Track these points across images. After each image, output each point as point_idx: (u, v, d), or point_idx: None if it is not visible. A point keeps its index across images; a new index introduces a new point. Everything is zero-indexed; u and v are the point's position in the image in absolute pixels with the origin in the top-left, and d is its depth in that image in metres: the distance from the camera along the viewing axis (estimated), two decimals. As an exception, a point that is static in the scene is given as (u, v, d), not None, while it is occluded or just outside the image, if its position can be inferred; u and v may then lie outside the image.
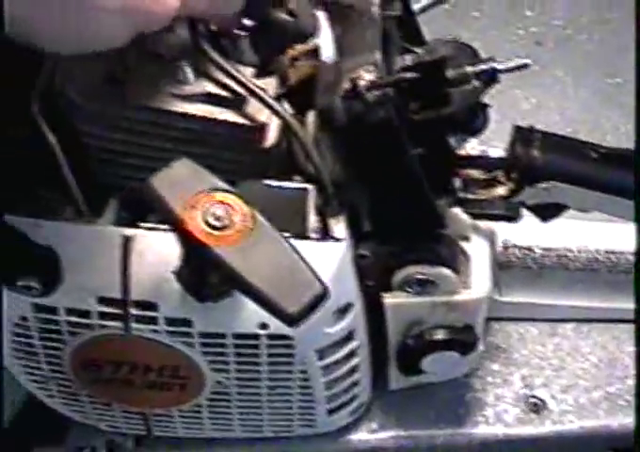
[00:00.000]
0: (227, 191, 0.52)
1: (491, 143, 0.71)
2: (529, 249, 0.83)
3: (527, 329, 0.84)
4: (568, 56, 1.05)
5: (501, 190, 0.71)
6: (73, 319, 0.62)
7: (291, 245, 0.52)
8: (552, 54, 1.05)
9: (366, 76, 0.56)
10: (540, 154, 0.68)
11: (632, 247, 0.82)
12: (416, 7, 0.83)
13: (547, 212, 0.74)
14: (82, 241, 0.61)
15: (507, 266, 0.83)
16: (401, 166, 0.60)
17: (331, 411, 0.73)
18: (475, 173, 0.71)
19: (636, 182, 0.68)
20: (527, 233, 0.84)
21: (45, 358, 0.66)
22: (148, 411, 0.71)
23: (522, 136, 0.69)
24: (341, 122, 0.58)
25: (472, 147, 0.71)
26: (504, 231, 0.82)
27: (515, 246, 0.83)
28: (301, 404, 0.70)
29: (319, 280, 0.51)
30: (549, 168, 0.69)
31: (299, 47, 0.64)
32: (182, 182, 0.52)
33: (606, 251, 0.84)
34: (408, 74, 0.58)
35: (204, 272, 0.57)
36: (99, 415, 0.73)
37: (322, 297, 0.51)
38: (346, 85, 0.56)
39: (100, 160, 0.62)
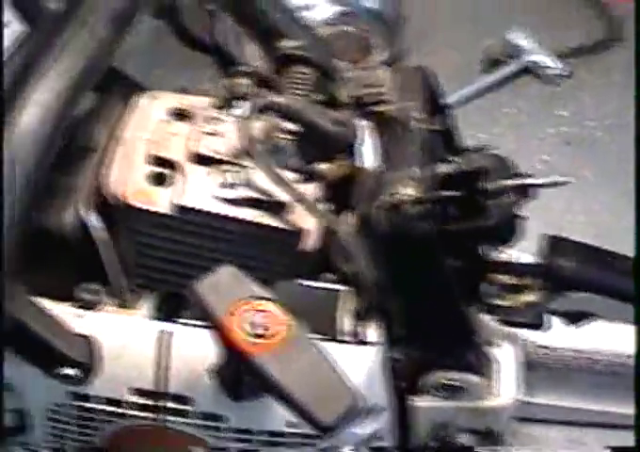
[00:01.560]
0: (266, 299, 0.54)
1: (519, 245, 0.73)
2: (560, 349, 0.84)
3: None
4: (597, 157, 1.07)
5: (530, 296, 0.72)
6: (107, 408, 0.64)
7: (325, 355, 0.53)
8: (582, 154, 1.07)
9: (407, 190, 0.58)
10: (570, 265, 0.70)
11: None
12: (451, 100, 0.86)
13: (575, 318, 0.75)
14: (120, 332, 0.63)
15: (537, 366, 0.83)
16: (436, 277, 0.62)
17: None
18: (505, 278, 0.72)
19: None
20: (558, 335, 0.84)
21: (79, 443, 0.67)
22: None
23: (554, 245, 0.71)
24: (381, 232, 0.60)
25: (501, 251, 0.73)
26: (537, 333, 0.83)
27: (547, 347, 0.84)
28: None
29: (352, 391, 0.52)
30: (578, 278, 0.70)
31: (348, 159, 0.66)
32: (224, 288, 0.54)
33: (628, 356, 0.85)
34: (447, 193, 0.59)
35: (242, 375, 0.58)
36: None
37: (355, 407, 0.52)
38: (387, 196, 0.58)
39: (145, 255, 0.64)
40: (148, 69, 0.85)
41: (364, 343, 0.64)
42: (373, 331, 0.64)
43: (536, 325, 0.71)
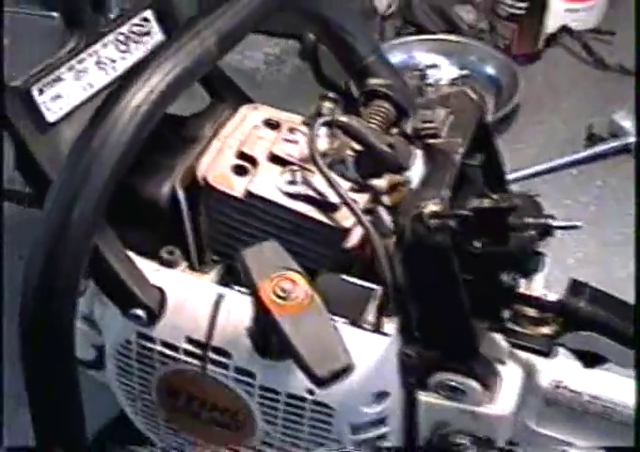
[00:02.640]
0: (297, 272, 0.67)
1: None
2: (578, 392, 0.92)
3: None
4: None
5: (546, 330, 0.81)
6: (165, 350, 0.77)
7: (334, 326, 0.65)
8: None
9: (432, 207, 0.70)
10: (586, 306, 0.79)
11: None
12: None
13: (589, 359, 0.84)
14: (186, 289, 0.77)
15: (554, 403, 0.91)
16: (448, 287, 0.72)
17: (357, 485, 0.84)
18: (530, 311, 0.82)
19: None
20: (582, 379, 0.92)
21: (138, 379, 0.81)
22: (205, 446, 0.84)
23: (575, 287, 0.80)
24: (406, 240, 0.71)
25: (528, 286, 0.83)
26: (559, 372, 0.92)
27: (566, 387, 0.92)
28: (332, 471, 0.82)
29: (348, 356, 0.64)
30: (591, 318, 0.79)
31: (397, 178, 0.78)
32: (265, 257, 0.67)
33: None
34: (466, 212, 0.70)
35: (267, 333, 0.71)
36: (169, 439, 0.86)
37: (346, 369, 0.64)
38: (415, 210, 0.70)
39: (217, 230, 0.78)
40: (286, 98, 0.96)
41: (383, 334, 0.75)
42: (392, 327, 0.75)
43: (545, 353, 0.80)
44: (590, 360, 0.84)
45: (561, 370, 0.90)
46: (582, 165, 1.26)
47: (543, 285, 0.85)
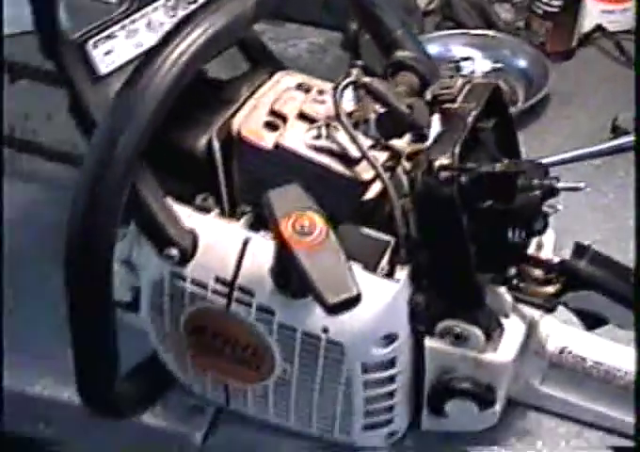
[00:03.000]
0: (316, 212, 0.73)
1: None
2: (582, 358, 0.97)
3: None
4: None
5: (550, 289, 0.87)
6: (195, 289, 0.84)
7: (346, 263, 0.72)
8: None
9: (443, 160, 0.76)
10: (586, 266, 0.85)
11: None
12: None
13: (589, 320, 0.89)
14: (217, 233, 0.84)
15: (558, 366, 0.97)
16: (455, 237, 0.78)
17: (367, 428, 0.90)
18: (535, 271, 0.88)
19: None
20: (586, 345, 0.98)
21: (168, 316, 0.88)
22: (230, 383, 0.91)
23: (579, 249, 0.86)
24: (417, 192, 0.78)
25: (538, 249, 0.89)
26: (565, 337, 0.97)
27: (570, 352, 0.97)
28: (343, 410, 0.88)
29: (358, 288, 0.70)
30: (590, 278, 0.85)
31: (417, 146, 0.84)
32: (289, 198, 0.74)
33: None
34: (478, 167, 0.77)
35: (287, 270, 0.77)
36: (194, 378, 0.93)
37: (355, 299, 0.70)
38: (427, 163, 0.76)
39: (248, 180, 0.85)
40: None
41: (394, 279, 0.81)
42: (403, 274, 0.82)
43: (548, 309, 0.85)
44: (591, 321, 0.89)
45: (566, 335, 0.97)
46: (605, 156, 1.31)
47: (553, 253, 0.91)
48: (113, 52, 0.83)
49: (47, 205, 1.21)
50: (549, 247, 0.91)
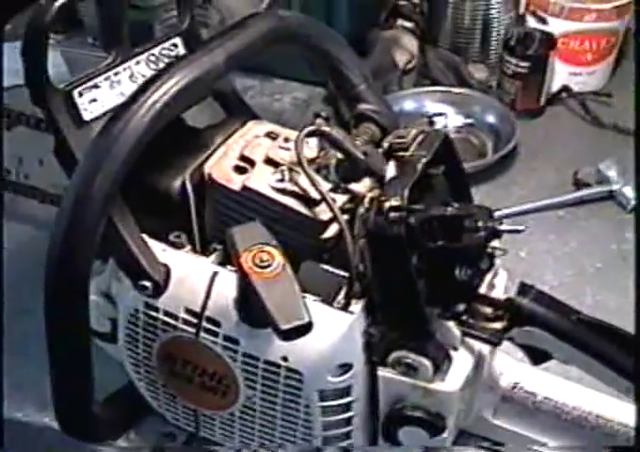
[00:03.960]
0: (274, 247, 0.81)
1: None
2: (532, 393, 1.03)
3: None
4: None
5: (497, 325, 0.93)
6: (167, 319, 0.91)
7: (299, 293, 0.79)
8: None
9: (393, 202, 0.83)
10: (529, 304, 0.91)
11: (620, 418, 1.00)
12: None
13: (535, 355, 0.95)
14: (188, 267, 0.91)
15: (509, 401, 1.03)
16: (403, 275, 0.85)
17: (326, 454, 0.96)
18: (486, 309, 0.94)
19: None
20: (537, 381, 1.04)
21: (142, 345, 0.94)
22: (198, 411, 0.97)
23: (523, 288, 0.93)
24: (369, 231, 0.85)
25: (488, 288, 0.96)
26: (517, 374, 1.03)
27: (522, 388, 1.03)
28: (303, 436, 0.94)
29: (309, 316, 0.77)
30: (533, 315, 0.91)
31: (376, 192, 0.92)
32: (250, 234, 0.81)
33: (597, 416, 1.02)
34: (426, 209, 0.84)
35: (249, 301, 0.84)
36: (167, 405, 1.00)
37: (307, 326, 0.77)
38: (377, 205, 0.83)
39: (217, 219, 0.92)
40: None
41: (349, 312, 0.88)
42: (358, 307, 0.88)
43: (495, 343, 0.92)
44: (537, 355, 0.95)
45: (518, 372, 1.03)
46: (568, 207, 1.39)
47: (504, 293, 0.98)
48: (97, 100, 0.91)
49: (39, 244, 1.28)
50: (500, 287, 0.98)
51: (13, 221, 1.31)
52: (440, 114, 1.52)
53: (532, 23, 1.60)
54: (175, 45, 0.99)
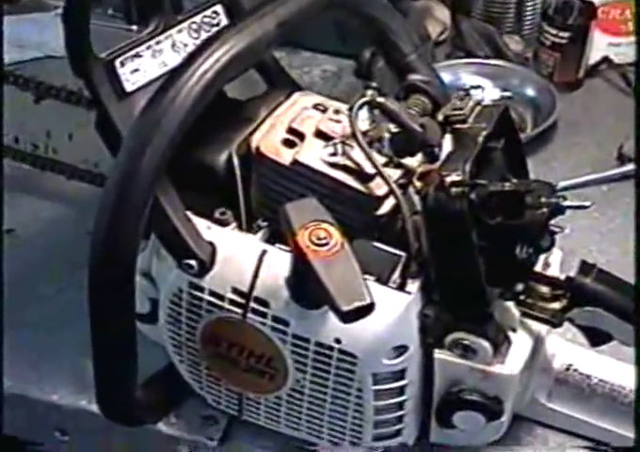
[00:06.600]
0: (331, 224, 0.77)
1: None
2: (587, 375, 1.00)
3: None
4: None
5: (556, 305, 0.90)
6: (212, 299, 0.87)
7: (360, 272, 0.75)
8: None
9: (454, 177, 0.79)
10: (591, 283, 0.87)
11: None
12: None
13: (595, 337, 0.92)
14: (234, 245, 0.87)
15: (563, 383, 0.99)
16: (464, 252, 0.81)
17: (376, 439, 0.92)
18: (543, 289, 0.90)
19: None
20: (591, 363, 1.00)
21: (185, 326, 0.91)
22: (243, 393, 0.94)
23: (584, 267, 0.89)
24: (429, 207, 0.81)
25: (545, 267, 0.92)
26: (570, 355, 1.00)
27: (576, 370, 1.00)
28: (354, 420, 0.90)
29: (370, 298, 0.73)
30: (595, 294, 0.87)
31: (430, 166, 0.88)
32: (305, 211, 0.77)
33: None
34: (488, 184, 0.80)
35: (303, 281, 0.80)
36: (209, 388, 0.96)
37: (368, 307, 0.73)
38: (438, 180, 0.79)
39: (265, 195, 0.88)
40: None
41: (405, 292, 0.84)
42: (415, 287, 0.84)
43: (555, 324, 0.88)
44: (596, 337, 0.92)
45: (572, 353, 0.99)
46: (612, 183, 1.35)
47: (560, 271, 0.94)
48: (139, 70, 0.87)
49: (66, 222, 1.25)
50: (555, 265, 0.94)
51: (39, 198, 1.28)
52: (477, 87, 1.47)
53: (570, -9, 1.54)
54: (216, 13, 0.94)
